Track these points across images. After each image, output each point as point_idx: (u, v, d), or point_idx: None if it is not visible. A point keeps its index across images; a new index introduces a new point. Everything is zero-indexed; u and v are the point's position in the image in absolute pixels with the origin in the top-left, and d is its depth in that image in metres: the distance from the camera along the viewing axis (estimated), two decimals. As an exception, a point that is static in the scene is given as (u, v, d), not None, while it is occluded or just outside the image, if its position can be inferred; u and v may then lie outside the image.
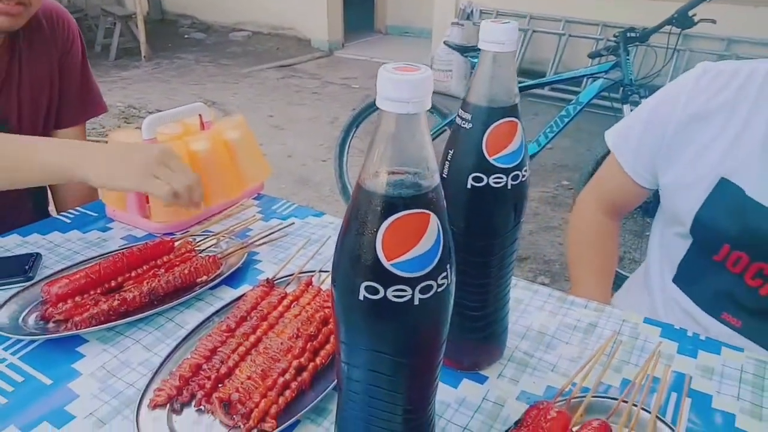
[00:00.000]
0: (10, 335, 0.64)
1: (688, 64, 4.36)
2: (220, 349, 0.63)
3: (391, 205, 0.36)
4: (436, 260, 0.37)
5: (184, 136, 0.97)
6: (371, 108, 2.77)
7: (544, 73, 4.92)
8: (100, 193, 0.99)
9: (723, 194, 0.81)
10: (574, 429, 0.52)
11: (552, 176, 3.42)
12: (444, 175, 0.54)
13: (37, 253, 0.83)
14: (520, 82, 3.61)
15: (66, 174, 0.80)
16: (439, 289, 0.38)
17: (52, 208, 1.21)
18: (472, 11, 5.26)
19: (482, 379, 0.62)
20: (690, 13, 2.09)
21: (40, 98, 1.05)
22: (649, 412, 0.54)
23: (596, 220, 1.04)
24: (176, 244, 0.83)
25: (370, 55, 6.60)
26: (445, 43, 2.85)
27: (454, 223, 0.54)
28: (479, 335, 0.62)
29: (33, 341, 0.65)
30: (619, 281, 1.11)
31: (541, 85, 2.69)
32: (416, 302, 0.37)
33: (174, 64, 6.16)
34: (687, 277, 0.90)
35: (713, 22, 2.12)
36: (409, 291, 0.37)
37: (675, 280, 0.91)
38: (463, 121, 0.52)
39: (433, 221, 0.36)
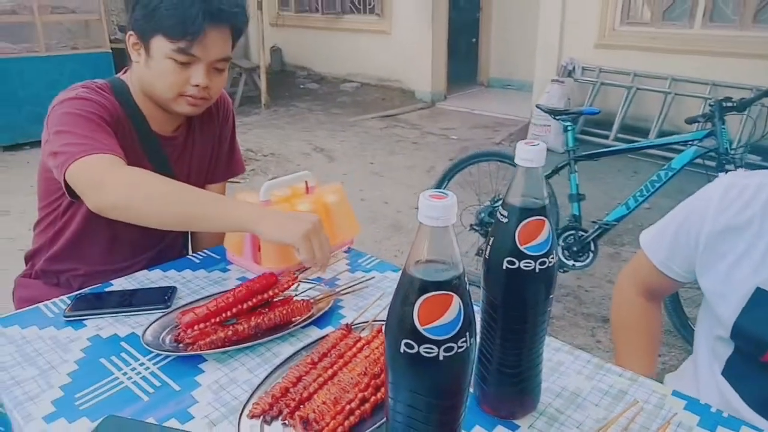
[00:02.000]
0: (153, 350, 0.85)
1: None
2: (304, 377, 0.79)
3: (425, 287, 0.51)
4: (457, 329, 0.51)
5: (292, 198, 1.18)
6: (465, 162, 2.90)
7: (648, 130, 4.84)
8: (225, 240, 1.22)
9: (760, 303, 0.86)
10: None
11: (646, 238, 3.36)
12: (486, 257, 0.68)
13: (174, 287, 1.05)
14: (615, 146, 3.66)
15: (244, 227, 0.99)
16: (459, 350, 0.52)
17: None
18: (573, 68, 5.31)
19: (515, 428, 0.74)
20: (790, 87, 2.06)
21: (203, 163, 1.33)
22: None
23: (637, 302, 1.10)
24: (279, 277, 1.01)
25: (470, 107, 6.80)
26: (537, 106, 2.96)
27: (494, 296, 0.69)
28: (514, 389, 0.74)
29: (168, 356, 0.86)
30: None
31: (635, 150, 2.70)
32: (441, 358, 0.51)
33: (289, 111, 6.74)
34: (735, 373, 0.94)
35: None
36: (436, 349, 0.51)
37: (723, 374, 0.96)
38: (502, 216, 0.66)
39: (456, 300, 0.51)
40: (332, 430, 0.70)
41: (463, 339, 0.52)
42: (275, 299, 0.99)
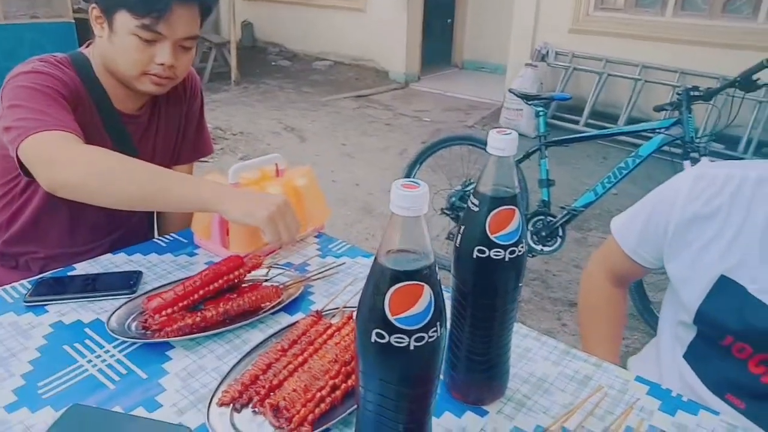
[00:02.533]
0: (119, 337, 0.83)
1: (760, 113, 4.24)
2: (274, 364, 0.79)
3: (397, 276, 0.50)
4: (428, 319, 0.51)
5: (262, 181, 1.16)
6: (437, 145, 2.90)
7: (617, 116, 4.92)
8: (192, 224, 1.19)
9: (724, 290, 0.89)
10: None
11: (613, 222, 3.43)
12: (456, 245, 0.68)
13: (140, 271, 1.03)
14: (586, 132, 3.72)
15: (206, 206, 0.96)
16: (430, 339, 0.52)
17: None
18: (547, 52, 5.34)
19: (483, 413, 0.75)
20: (754, 77, 2.11)
21: (169, 143, 1.29)
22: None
23: (604, 288, 1.13)
24: (245, 260, 0.99)
25: (444, 89, 6.79)
26: (510, 90, 2.97)
27: (463, 284, 0.69)
28: (483, 375, 0.75)
29: (134, 343, 0.84)
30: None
31: (604, 136, 2.74)
32: (412, 347, 0.51)
33: (260, 89, 6.62)
34: (696, 356, 0.97)
35: (778, 87, 2.12)
36: (407, 339, 0.51)
37: (685, 357, 0.99)
38: (473, 205, 0.66)
39: (427, 290, 0.51)
40: (303, 417, 0.70)
41: (434, 329, 0.52)
42: (243, 284, 0.98)
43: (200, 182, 1.00)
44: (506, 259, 0.66)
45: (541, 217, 2.69)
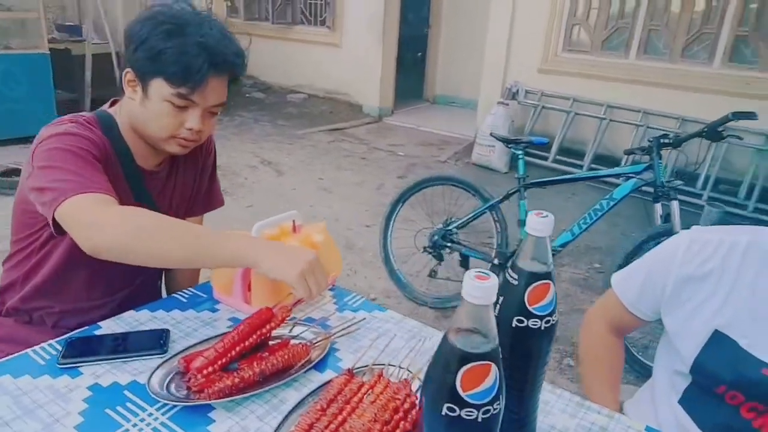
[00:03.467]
0: (160, 399, 0.86)
1: (726, 154, 4.51)
2: (315, 424, 0.83)
3: (469, 357, 0.56)
4: (494, 393, 0.57)
5: (280, 237, 1.21)
6: (421, 185, 3.00)
7: (583, 153, 5.13)
8: (203, 277, 1.22)
9: (718, 344, 0.98)
10: None
11: (584, 258, 3.56)
12: (495, 314, 0.75)
13: (167, 329, 1.05)
14: (556, 173, 3.87)
15: (242, 262, 0.99)
16: (494, 411, 0.58)
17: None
18: (517, 90, 5.56)
19: (515, 467, 0.80)
20: (719, 129, 2.28)
21: (185, 197, 1.33)
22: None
23: (605, 339, 1.22)
24: (275, 311, 1.03)
25: (416, 124, 6.95)
26: (491, 134, 3.09)
27: (502, 350, 0.75)
28: (516, 431, 0.81)
29: (175, 406, 0.87)
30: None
31: (583, 179, 2.88)
32: (479, 420, 0.57)
33: (234, 121, 6.64)
34: (691, 402, 1.06)
35: (740, 138, 2.30)
36: (476, 412, 0.57)
37: (680, 402, 1.07)
38: (512, 279, 0.73)
39: (494, 369, 0.57)
40: (353, 478, 0.74)
41: (498, 402, 0.58)
42: (272, 342, 1.02)
43: (237, 238, 1.01)
44: (542, 327, 0.72)
45: (521, 255, 2.79)
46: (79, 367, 0.94)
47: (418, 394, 0.88)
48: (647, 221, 2.72)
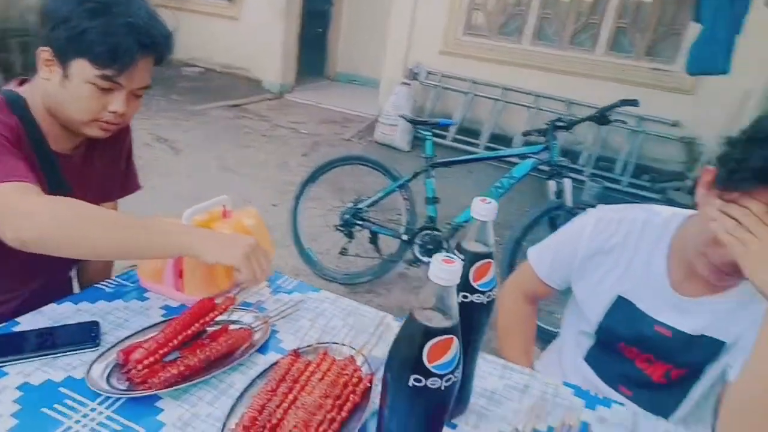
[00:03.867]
0: (103, 393, 0.83)
1: (606, 134, 4.96)
2: (267, 405, 0.85)
3: (434, 332, 0.62)
4: (455, 364, 0.63)
5: (211, 223, 1.19)
6: (329, 165, 3.02)
7: (479, 133, 5.40)
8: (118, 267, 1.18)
9: (620, 308, 1.13)
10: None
11: (487, 233, 3.79)
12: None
13: (96, 321, 1.01)
14: (459, 152, 4.07)
15: (185, 251, 0.95)
16: (455, 379, 0.64)
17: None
18: (419, 71, 5.69)
19: (453, 426, 0.88)
20: (607, 114, 2.53)
21: (101, 181, 1.26)
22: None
23: (522, 308, 1.35)
24: (216, 301, 1.02)
25: (318, 101, 6.91)
26: (401, 116, 3.17)
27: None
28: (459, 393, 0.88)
29: (118, 398, 0.84)
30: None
31: (487, 159, 3.06)
32: (442, 387, 0.63)
33: (123, 95, 6.18)
34: (595, 358, 1.21)
35: (624, 122, 2.56)
36: (439, 381, 0.62)
37: (586, 359, 1.22)
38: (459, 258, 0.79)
39: (455, 342, 0.63)
40: (312, 452, 0.77)
41: (458, 370, 0.64)
42: (212, 328, 1.02)
43: (173, 227, 0.98)
44: (484, 302, 0.80)
45: (429, 231, 2.93)
46: (2, 367, 0.88)
47: (364, 369, 0.93)
48: (541, 197, 2.95)
